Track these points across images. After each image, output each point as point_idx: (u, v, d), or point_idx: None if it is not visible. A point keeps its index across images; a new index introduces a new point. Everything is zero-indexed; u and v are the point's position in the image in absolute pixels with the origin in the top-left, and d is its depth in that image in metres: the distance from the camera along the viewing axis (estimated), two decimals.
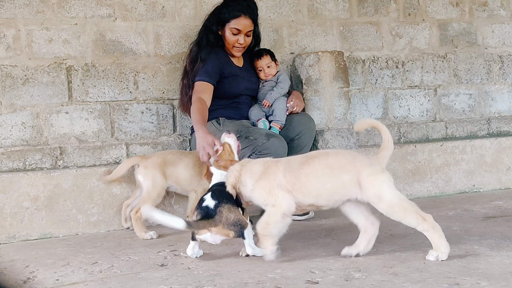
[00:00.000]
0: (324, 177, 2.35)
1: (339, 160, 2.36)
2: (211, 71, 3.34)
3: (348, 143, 3.88)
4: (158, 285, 2.13)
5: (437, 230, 2.27)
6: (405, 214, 2.28)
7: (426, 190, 4.05)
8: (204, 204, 2.45)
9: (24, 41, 3.53)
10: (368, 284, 2.00)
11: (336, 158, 2.38)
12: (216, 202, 2.44)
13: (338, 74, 3.91)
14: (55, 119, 3.58)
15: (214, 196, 2.48)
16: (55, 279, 2.30)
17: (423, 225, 2.26)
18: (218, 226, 2.40)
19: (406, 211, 2.28)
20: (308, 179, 2.36)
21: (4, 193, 3.23)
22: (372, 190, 2.31)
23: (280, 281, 2.09)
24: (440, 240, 2.26)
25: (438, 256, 2.26)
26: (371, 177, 2.31)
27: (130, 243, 2.96)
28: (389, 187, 2.32)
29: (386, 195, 2.30)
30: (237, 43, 3.44)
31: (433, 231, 2.26)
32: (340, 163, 2.35)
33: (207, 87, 3.28)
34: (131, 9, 3.75)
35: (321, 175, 2.35)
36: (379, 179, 2.31)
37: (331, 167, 2.35)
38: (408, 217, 2.28)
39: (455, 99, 4.58)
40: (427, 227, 2.26)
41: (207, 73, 3.31)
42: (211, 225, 2.40)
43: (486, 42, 4.68)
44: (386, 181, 2.32)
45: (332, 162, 2.36)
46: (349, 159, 2.36)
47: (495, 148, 4.24)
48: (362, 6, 4.32)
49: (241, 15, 3.39)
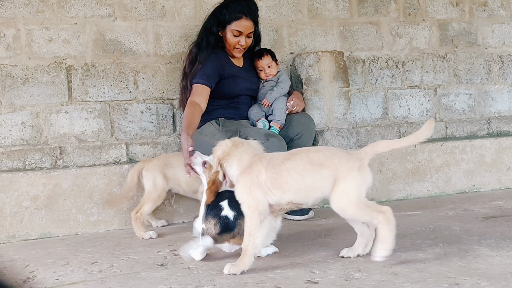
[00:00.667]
0: (305, 172, 2.33)
1: (319, 156, 2.35)
2: (210, 73, 3.33)
3: (348, 143, 3.88)
4: (157, 284, 2.13)
5: (391, 224, 2.25)
6: (362, 211, 2.27)
7: (426, 190, 4.05)
8: (223, 214, 2.45)
9: (24, 40, 3.53)
10: (368, 284, 2.00)
11: (317, 154, 2.37)
12: (235, 214, 2.44)
13: (338, 74, 3.91)
14: (55, 118, 3.58)
15: (231, 206, 2.46)
16: (54, 279, 2.30)
17: (377, 217, 2.25)
18: (237, 237, 2.44)
19: (364, 209, 2.27)
20: (289, 173, 2.34)
21: (4, 193, 3.22)
22: (342, 186, 2.27)
23: (280, 281, 2.09)
24: (389, 236, 2.24)
25: (382, 253, 2.25)
26: (345, 173, 2.28)
27: (130, 242, 2.96)
28: (357, 186, 2.28)
29: (352, 193, 2.27)
30: (238, 45, 3.44)
31: (386, 224, 2.24)
32: (320, 159, 2.34)
33: (204, 90, 3.28)
34: (131, 9, 3.74)
35: (302, 170, 2.34)
36: (351, 176, 2.28)
37: (311, 162, 2.34)
38: (365, 214, 2.27)
39: (455, 99, 4.58)
40: (381, 219, 2.24)
41: (205, 75, 3.31)
42: (231, 237, 2.46)
43: (486, 42, 4.67)
44: (357, 179, 2.28)
45: (313, 158, 2.35)
46: (328, 155, 2.35)
47: (495, 148, 4.24)
48: (362, 6, 4.32)
49: (242, 17, 3.39)
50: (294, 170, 2.34)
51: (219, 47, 3.50)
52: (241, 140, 2.54)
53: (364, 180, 2.30)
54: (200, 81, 3.29)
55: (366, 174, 2.32)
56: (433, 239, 2.63)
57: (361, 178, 2.29)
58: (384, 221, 2.24)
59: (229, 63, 3.51)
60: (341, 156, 2.33)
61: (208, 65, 3.36)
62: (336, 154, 2.34)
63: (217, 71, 3.38)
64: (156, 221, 3.39)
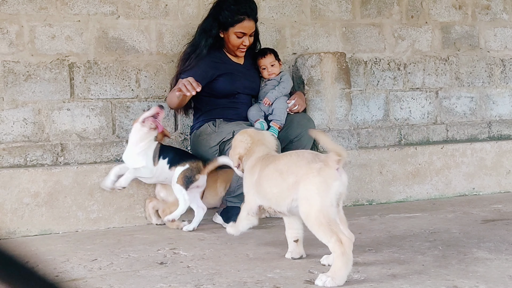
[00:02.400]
0: (272, 181, 2.27)
1: (285, 162, 2.26)
2: (198, 72, 3.33)
3: (349, 144, 3.89)
4: (157, 283, 2.14)
5: (346, 259, 1.99)
6: (318, 228, 2.05)
7: (426, 192, 4.05)
8: None
9: (27, 37, 3.54)
10: (366, 285, 2.01)
11: (286, 160, 2.27)
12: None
13: (340, 75, 3.92)
14: (57, 115, 3.59)
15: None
16: (54, 276, 2.31)
17: (334, 246, 2.00)
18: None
19: (320, 226, 2.04)
20: (263, 181, 2.31)
21: (5, 189, 3.23)
22: (302, 190, 2.11)
23: (279, 281, 2.10)
24: (341, 270, 1.98)
25: (327, 282, 1.98)
26: (304, 177, 2.12)
27: (130, 240, 2.97)
28: (317, 190, 2.08)
29: (312, 197, 2.08)
30: (241, 45, 3.45)
31: (341, 257, 1.98)
32: (285, 166, 2.23)
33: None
34: (134, 7, 3.75)
35: (270, 179, 2.28)
36: (309, 179, 2.10)
37: (280, 170, 2.25)
38: (321, 233, 2.05)
39: (456, 102, 4.59)
40: (337, 251, 1.99)
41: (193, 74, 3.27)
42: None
43: (488, 45, 4.68)
44: (315, 183, 2.08)
45: (282, 166, 2.26)
46: (296, 160, 2.21)
47: (495, 151, 4.25)
48: (365, 8, 4.33)
49: (245, 18, 3.40)
50: (266, 178, 2.31)
51: (217, 47, 3.50)
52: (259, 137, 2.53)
53: (326, 184, 2.07)
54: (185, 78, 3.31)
55: (329, 177, 2.08)
56: (432, 242, 2.64)
57: (322, 182, 2.07)
58: (339, 253, 1.98)
59: (226, 61, 3.52)
60: (304, 159, 2.18)
61: (199, 67, 3.37)
62: (300, 157, 2.22)
63: (207, 71, 3.39)
64: (156, 219, 3.39)
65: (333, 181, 2.09)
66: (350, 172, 3.85)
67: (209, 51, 3.46)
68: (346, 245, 1.99)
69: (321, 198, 2.07)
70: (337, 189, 2.10)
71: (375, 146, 4.25)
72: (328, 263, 2.25)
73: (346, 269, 1.99)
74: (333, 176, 2.09)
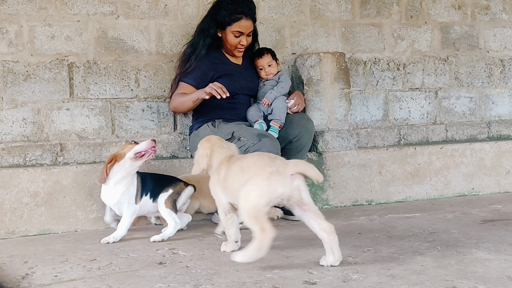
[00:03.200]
0: (235, 177, 2.40)
1: (249, 161, 2.38)
2: (198, 74, 3.39)
3: (348, 144, 3.89)
4: (156, 283, 2.14)
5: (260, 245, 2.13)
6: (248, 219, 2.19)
7: (425, 192, 4.05)
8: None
9: (26, 37, 3.54)
10: (365, 285, 2.01)
11: (249, 159, 2.40)
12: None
13: (339, 75, 3.92)
14: (56, 115, 3.59)
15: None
16: (53, 275, 2.31)
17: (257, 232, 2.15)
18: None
19: (250, 218, 2.19)
20: (228, 178, 2.45)
21: (4, 189, 3.23)
22: (246, 187, 2.26)
23: (278, 281, 2.10)
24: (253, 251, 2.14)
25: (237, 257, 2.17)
26: (255, 176, 2.25)
27: (129, 240, 2.97)
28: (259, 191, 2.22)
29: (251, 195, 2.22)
30: (239, 45, 3.45)
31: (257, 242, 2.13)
32: (248, 164, 2.37)
33: (189, 89, 3.38)
34: (133, 7, 3.75)
35: (234, 175, 2.42)
36: (256, 180, 2.24)
37: (242, 168, 2.38)
38: (250, 223, 2.19)
39: (455, 102, 4.59)
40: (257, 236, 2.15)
41: (194, 77, 3.38)
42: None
43: (488, 45, 4.68)
44: (260, 185, 2.22)
45: (244, 164, 2.39)
46: (255, 160, 2.35)
47: (494, 151, 4.25)
48: (365, 8, 4.33)
49: (243, 17, 3.40)
50: (230, 175, 2.44)
51: (215, 47, 3.50)
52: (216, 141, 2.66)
53: (270, 188, 2.21)
54: (188, 81, 3.39)
55: (275, 183, 2.21)
56: (431, 242, 2.64)
57: (267, 185, 2.21)
58: (258, 238, 2.14)
59: (224, 62, 3.52)
60: (262, 160, 2.31)
61: (200, 69, 3.40)
62: (260, 159, 2.34)
63: (207, 72, 3.41)
64: (155, 219, 3.39)
65: (278, 187, 2.22)
66: (349, 172, 3.86)
67: (208, 51, 3.46)
68: (267, 234, 2.13)
69: (259, 199, 2.21)
70: (281, 194, 2.23)
71: (374, 146, 4.25)
72: (326, 264, 2.27)
73: (257, 253, 2.15)
74: (280, 182, 2.22)
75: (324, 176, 3.76)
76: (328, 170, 3.80)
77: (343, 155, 3.85)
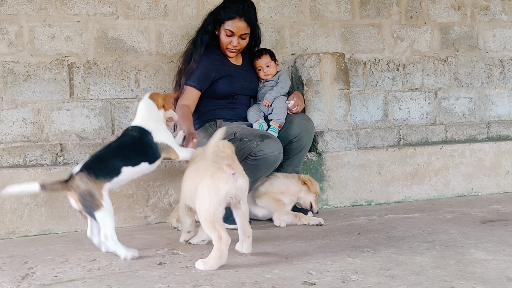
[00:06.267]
0: (189, 180, 2.49)
1: (202, 165, 2.43)
2: (201, 76, 3.40)
3: (348, 145, 3.89)
4: (156, 283, 2.14)
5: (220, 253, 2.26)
6: (205, 224, 2.32)
7: (424, 193, 4.06)
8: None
9: (26, 37, 3.54)
10: (364, 286, 2.01)
11: (202, 162, 2.45)
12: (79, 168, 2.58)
13: (339, 75, 3.92)
14: (56, 115, 3.59)
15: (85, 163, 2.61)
16: (53, 276, 2.31)
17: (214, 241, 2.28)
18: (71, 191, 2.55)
19: (206, 223, 2.31)
20: (184, 181, 2.55)
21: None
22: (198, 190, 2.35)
23: (277, 282, 2.10)
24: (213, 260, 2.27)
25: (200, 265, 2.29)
26: (201, 179, 2.35)
27: (129, 241, 2.97)
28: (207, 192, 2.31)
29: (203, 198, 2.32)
30: (230, 45, 3.45)
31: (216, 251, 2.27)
32: (200, 167, 2.42)
33: (194, 94, 3.38)
34: (133, 7, 3.76)
35: (189, 178, 2.50)
36: (203, 182, 2.33)
37: (197, 170, 2.45)
38: (207, 228, 2.32)
39: (455, 102, 4.60)
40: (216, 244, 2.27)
41: (197, 79, 3.39)
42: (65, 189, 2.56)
43: (487, 46, 4.69)
44: (207, 185, 2.31)
45: (199, 167, 2.44)
46: (204, 163, 2.41)
47: (494, 152, 4.25)
48: (364, 8, 4.33)
49: (236, 17, 3.40)
50: (185, 178, 2.56)
51: (214, 46, 3.51)
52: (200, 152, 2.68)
53: (215, 186, 2.30)
54: (191, 84, 3.39)
55: (219, 180, 2.31)
56: (431, 242, 2.64)
57: (212, 184, 2.30)
58: (216, 247, 2.27)
59: (224, 62, 3.52)
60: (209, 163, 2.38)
61: (200, 68, 3.41)
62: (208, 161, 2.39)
63: (209, 74, 3.42)
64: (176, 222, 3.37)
65: (222, 184, 2.31)
66: (349, 172, 3.86)
67: (209, 51, 3.46)
68: (223, 242, 2.26)
69: (209, 199, 2.30)
70: (227, 191, 2.32)
71: (374, 147, 4.25)
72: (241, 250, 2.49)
73: (218, 261, 2.27)
74: (223, 180, 2.31)
75: (324, 176, 3.78)
76: (328, 170, 3.81)
77: (343, 155, 3.86)
